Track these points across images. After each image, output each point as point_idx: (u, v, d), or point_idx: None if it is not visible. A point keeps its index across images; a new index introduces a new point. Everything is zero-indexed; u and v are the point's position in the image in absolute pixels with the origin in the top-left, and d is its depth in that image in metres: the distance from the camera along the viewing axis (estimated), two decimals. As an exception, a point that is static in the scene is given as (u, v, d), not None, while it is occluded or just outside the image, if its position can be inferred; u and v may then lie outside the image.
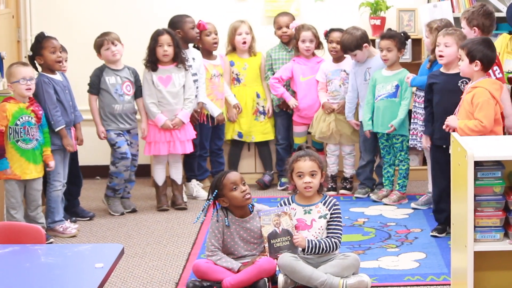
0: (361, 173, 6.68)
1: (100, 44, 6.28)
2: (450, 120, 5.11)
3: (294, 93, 6.90)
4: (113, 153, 6.31)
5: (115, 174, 6.30)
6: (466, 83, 5.37)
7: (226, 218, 4.74)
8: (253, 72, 6.97)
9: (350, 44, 6.43)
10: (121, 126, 6.29)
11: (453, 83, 5.49)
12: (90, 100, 6.27)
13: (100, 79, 6.24)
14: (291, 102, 6.82)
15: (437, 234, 5.56)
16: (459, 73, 5.38)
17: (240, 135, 6.97)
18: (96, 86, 6.25)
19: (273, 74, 6.92)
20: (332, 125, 6.67)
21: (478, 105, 4.97)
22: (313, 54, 6.89)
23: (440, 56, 5.55)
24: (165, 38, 6.31)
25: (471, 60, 5.01)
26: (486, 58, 5.03)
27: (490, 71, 5.29)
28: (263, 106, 6.98)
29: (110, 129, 6.27)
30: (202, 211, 4.75)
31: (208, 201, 4.75)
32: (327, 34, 6.73)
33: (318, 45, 6.87)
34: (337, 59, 6.74)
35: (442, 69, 5.62)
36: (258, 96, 6.98)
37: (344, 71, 6.68)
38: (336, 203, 4.78)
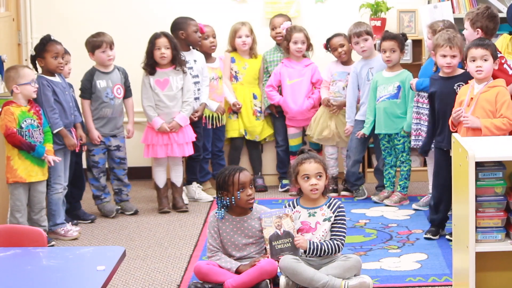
0: (351, 175, 6.66)
1: (97, 45, 6.24)
2: (471, 120, 5.06)
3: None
4: (87, 158, 6.33)
5: (90, 180, 6.32)
6: (463, 86, 5.42)
7: (221, 211, 4.74)
8: (252, 73, 6.98)
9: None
10: (109, 131, 6.28)
11: (450, 87, 5.52)
12: (83, 105, 6.25)
13: (92, 83, 6.23)
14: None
15: (431, 236, 5.56)
16: (455, 76, 5.47)
17: (245, 133, 6.98)
18: (88, 90, 6.23)
19: (269, 76, 6.94)
20: (333, 128, 6.67)
21: (505, 103, 5.02)
22: (304, 56, 6.90)
23: (448, 66, 5.49)
24: (163, 41, 6.32)
25: (494, 59, 5.10)
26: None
27: (507, 66, 5.34)
28: (260, 107, 6.99)
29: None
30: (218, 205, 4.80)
31: (218, 196, 4.77)
32: (327, 46, 6.74)
33: (309, 47, 6.87)
34: (346, 61, 6.74)
35: (441, 73, 5.63)
36: (255, 97, 6.98)
37: (349, 74, 6.68)
38: (340, 205, 4.76)
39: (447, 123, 5.37)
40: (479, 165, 3.90)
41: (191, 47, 6.67)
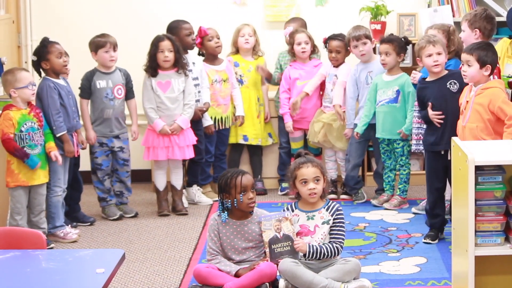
0: (350, 179, 6.66)
1: (100, 45, 6.25)
2: None
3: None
4: (91, 160, 6.35)
5: (95, 183, 6.33)
6: (455, 84, 5.46)
7: (224, 213, 4.73)
8: (256, 75, 6.98)
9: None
10: (110, 132, 6.28)
11: (442, 87, 5.51)
12: (81, 104, 6.24)
13: (91, 83, 6.24)
14: (288, 124, 6.82)
15: (430, 241, 5.56)
16: (444, 76, 5.50)
17: (245, 138, 6.97)
18: (87, 90, 6.24)
19: (281, 71, 6.92)
20: (320, 136, 6.68)
21: (503, 109, 5.01)
22: (309, 58, 6.89)
23: (436, 65, 5.51)
24: (166, 44, 6.32)
25: (482, 65, 5.06)
26: (495, 63, 5.11)
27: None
28: (260, 111, 6.99)
29: (96, 135, 6.27)
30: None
31: (220, 199, 4.76)
32: (326, 42, 6.74)
33: (314, 49, 6.86)
34: (337, 65, 6.74)
35: (429, 78, 5.62)
36: (257, 100, 6.99)
37: (335, 75, 6.67)
38: (339, 208, 4.75)
39: (443, 125, 5.40)
40: (478, 169, 3.90)
41: (192, 51, 6.67)
